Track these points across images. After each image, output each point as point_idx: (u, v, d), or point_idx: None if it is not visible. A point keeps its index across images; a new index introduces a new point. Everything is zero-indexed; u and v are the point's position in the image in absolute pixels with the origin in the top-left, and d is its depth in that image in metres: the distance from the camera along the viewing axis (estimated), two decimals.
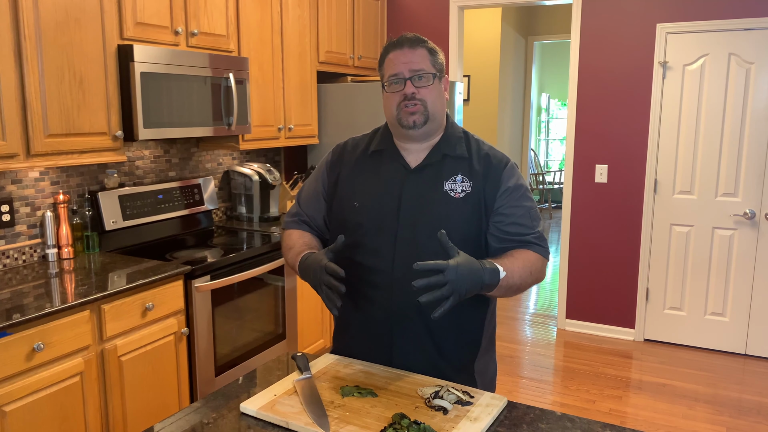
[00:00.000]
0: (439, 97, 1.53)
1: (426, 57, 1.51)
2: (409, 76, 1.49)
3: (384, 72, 1.54)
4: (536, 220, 1.55)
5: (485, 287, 1.35)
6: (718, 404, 3.36)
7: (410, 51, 1.50)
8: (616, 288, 4.28)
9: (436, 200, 1.51)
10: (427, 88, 1.50)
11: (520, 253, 1.49)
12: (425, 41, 1.53)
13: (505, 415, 1.33)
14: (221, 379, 2.80)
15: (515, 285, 1.42)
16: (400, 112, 1.50)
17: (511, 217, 1.51)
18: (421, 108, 1.49)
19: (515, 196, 1.53)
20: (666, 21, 3.91)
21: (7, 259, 2.52)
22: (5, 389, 1.91)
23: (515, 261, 1.45)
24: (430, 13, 4.54)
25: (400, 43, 1.52)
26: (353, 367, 1.52)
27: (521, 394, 3.48)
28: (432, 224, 1.49)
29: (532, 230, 1.53)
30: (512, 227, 1.51)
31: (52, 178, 2.68)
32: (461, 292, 1.29)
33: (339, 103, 3.98)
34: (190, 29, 2.86)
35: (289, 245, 1.65)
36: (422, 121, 1.50)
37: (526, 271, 1.45)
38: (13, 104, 2.17)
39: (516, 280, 1.42)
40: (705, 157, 3.94)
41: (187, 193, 3.25)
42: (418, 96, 1.49)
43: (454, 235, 1.48)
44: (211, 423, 1.30)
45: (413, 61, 1.49)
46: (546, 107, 10.30)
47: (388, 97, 1.53)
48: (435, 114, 1.52)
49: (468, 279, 1.30)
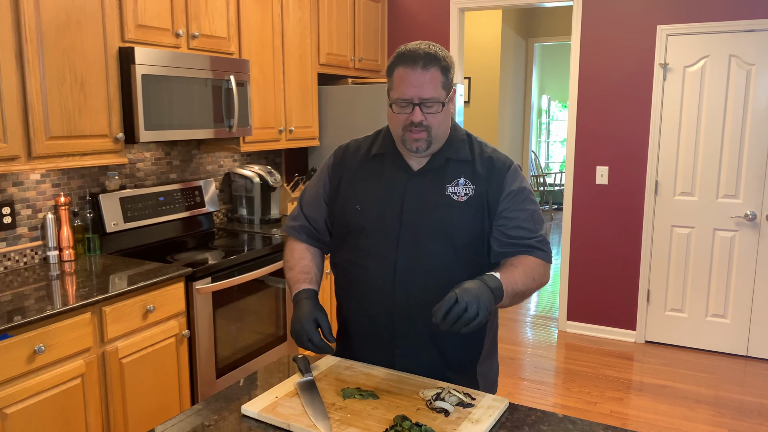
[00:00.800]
0: (445, 120, 1.49)
1: (438, 80, 1.43)
2: (419, 102, 1.43)
3: (392, 86, 1.47)
4: (539, 224, 1.54)
5: (495, 293, 1.34)
6: (720, 406, 3.36)
7: (422, 73, 1.42)
8: (617, 290, 4.28)
9: (439, 204, 1.50)
10: (435, 115, 1.45)
11: (520, 260, 1.49)
12: (439, 59, 1.44)
13: (507, 417, 1.33)
14: (222, 381, 2.79)
15: (520, 291, 1.43)
16: (405, 134, 1.47)
17: (514, 220, 1.51)
18: (425, 135, 1.46)
19: (519, 199, 1.52)
20: (666, 23, 3.91)
21: (8, 261, 2.52)
22: (6, 391, 1.91)
23: (515, 269, 1.45)
24: (431, 15, 4.55)
25: (413, 60, 1.42)
26: (354, 369, 1.51)
27: (522, 395, 3.47)
28: (435, 228, 1.49)
29: (535, 234, 1.52)
30: (515, 231, 1.51)
31: (54, 181, 2.68)
32: (487, 305, 1.30)
33: (339, 105, 3.98)
34: (191, 31, 2.86)
35: (289, 264, 1.66)
36: (425, 147, 1.48)
37: (528, 278, 1.46)
38: (14, 106, 2.17)
39: (520, 287, 1.42)
40: (706, 158, 3.94)
41: (188, 195, 3.25)
42: (425, 123, 1.45)
43: (457, 239, 1.49)
44: (213, 425, 1.30)
45: (424, 85, 1.42)
46: (546, 109, 10.31)
47: (394, 116, 1.48)
48: (439, 137, 1.50)
49: (481, 292, 1.30)
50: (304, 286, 1.58)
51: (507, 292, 1.38)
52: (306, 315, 1.49)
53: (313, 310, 1.51)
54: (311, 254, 1.68)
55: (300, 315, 1.50)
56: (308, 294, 1.56)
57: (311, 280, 1.61)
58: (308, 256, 1.66)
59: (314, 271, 1.64)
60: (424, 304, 1.48)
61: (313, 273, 1.63)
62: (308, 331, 1.46)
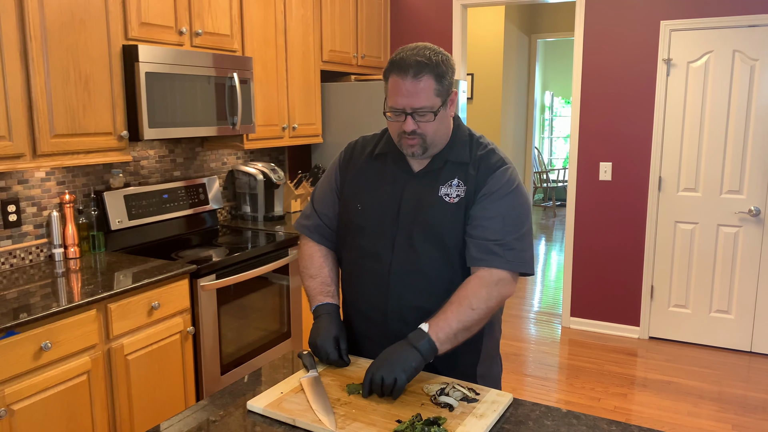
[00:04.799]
0: (441, 126, 1.47)
1: (431, 88, 1.40)
2: (411, 112, 1.42)
3: (386, 93, 1.47)
4: (510, 227, 1.44)
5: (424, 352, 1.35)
6: (724, 402, 3.36)
7: (414, 82, 1.39)
8: (621, 286, 4.27)
9: (432, 205, 1.49)
10: (428, 123, 1.44)
11: (458, 290, 1.42)
12: (432, 66, 1.40)
13: (511, 412, 1.34)
14: (227, 377, 2.81)
15: (460, 328, 1.39)
16: (401, 140, 1.48)
17: (477, 219, 1.45)
18: (419, 141, 1.46)
19: (493, 198, 1.46)
20: (670, 18, 3.90)
21: (14, 259, 2.54)
22: (13, 388, 1.92)
23: (447, 308, 1.40)
24: (434, 12, 4.54)
25: (405, 69, 1.39)
26: (359, 365, 1.52)
27: (526, 391, 3.48)
28: (427, 230, 1.48)
29: (497, 236, 1.43)
30: (477, 230, 1.45)
31: (58, 178, 2.69)
32: (404, 367, 1.33)
33: (343, 102, 3.99)
34: (195, 29, 2.87)
35: (310, 272, 1.64)
36: (421, 152, 1.48)
37: (464, 312, 1.38)
38: (19, 105, 2.18)
39: (455, 325, 1.38)
40: (709, 154, 3.93)
41: (191, 192, 3.26)
42: (419, 131, 1.44)
43: (449, 241, 1.47)
44: (219, 420, 1.31)
45: (416, 95, 1.40)
46: (549, 105, 10.29)
47: (390, 123, 1.49)
48: (435, 142, 1.49)
49: (397, 357, 1.34)
50: (327, 300, 1.59)
51: (440, 340, 1.36)
52: (326, 332, 1.51)
53: (334, 327, 1.53)
54: (331, 263, 1.67)
55: (321, 330, 1.52)
56: (329, 309, 1.57)
57: (333, 294, 1.61)
58: (328, 266, 1.66)
59: (336, 284, 1.64)
60: (417, 306, 1.49)
61: (335, 286, 1.63)
62: (328, 350, 1.49)
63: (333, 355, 1.49)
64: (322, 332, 1.51)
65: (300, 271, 1.69)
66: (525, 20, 8.04)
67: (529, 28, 8.28)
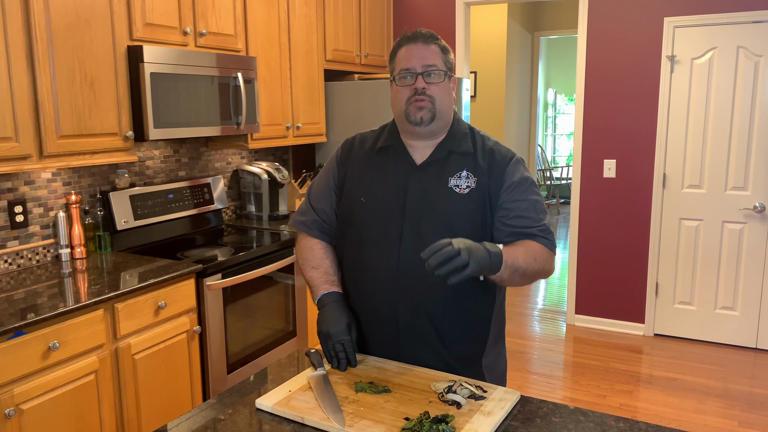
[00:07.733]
0: (447, 96, 1.54)
1: (438, 54, 1.52)
2: (422, 71, 1.49)
3: (395, 65, 1.55)
4: (542, 213, 1.55)
5: (493, 257, 1.33)
6: (729, 398, 3.35)
7: (424, 46, 1.51)
8: (626, 283, 4.27)
9: (441, 196, 1.51)
10: (437, 86, 1.51)
11: (522, 242, 1.50)
12: (438, 39, 1.54)
13: (519, 410, 1.34)
14: (233, 376, 2.82)
15: (521, 268, 1.43)
16: (409, 107, 1.51)
17: (514, 210, 1.52)
18: (429, 104, 1.50)
19: (519, 189, 1.53)
20: (673, 14, 3.89)
21: (21, 260, 2.55)
22: (22, 387, 1.93)
23: (517, 247, 1.47)
24: (437, 10, 4.54)
25: (414, 37, 1.53)
26: (366, 363, 1.53)
27: (531, 389, 3.48)
28: (437, 220, 1.50)
29: (537, 223, 1.53)
30: (516, 220, 1.52)
31: (64, 179, 2.70)
32: (479, 260, 1.28)
33: (346, 101, 3.99)
34: (199, 29, 2.88)
35: (312, 263, 1.65)
36: (429, 117, 1.51)
37: (530, 257, 1.46)
38: (25, 106, 2.19)
39: (521, 263, 1.42)
40: (714, 150, 3.92)
41: (196, 192, 3.27)
42: (428, 92, 1.50)
43: (460, 231, 1.49)
44: (227, 419, 1.32)
45: (426, 56, 1.50)
46: (553, 102, 10.27)
47: (398, 91, 1.53)
48: (442, 112, 1.53)
49: (476, 248, 1.30)
50: (334, 289, 1.59)
51: (506, 263, 1.38)
52: (337, 319, 1.51)
53: (344, 315, 1.53)
54: (331, 255, 1.67)
55: (332, 319, 1.52)
56: (336, 297, 1.57)
57: (338, 284, 1.62)
58: (329, 258, 1.66)
59: (338, 275, 1.65)
60: (427, 296, 1.50)
61: (338, 276, 1.64)
62: (342, 337, 1.49)
63: (348, 344, 1.48)
64: (334, 320, 1.51)
65: (300, 265, 1.70)
66: (528, 18, 8.03)
67: (532, 26, 8.27)
